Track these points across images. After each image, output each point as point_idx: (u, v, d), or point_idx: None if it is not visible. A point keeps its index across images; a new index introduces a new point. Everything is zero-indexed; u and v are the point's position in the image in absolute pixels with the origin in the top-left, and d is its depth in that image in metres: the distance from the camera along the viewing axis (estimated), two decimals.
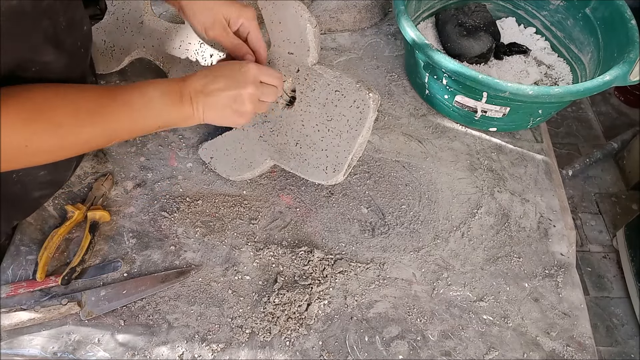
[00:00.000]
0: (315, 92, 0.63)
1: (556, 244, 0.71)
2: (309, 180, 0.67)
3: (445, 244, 0.70)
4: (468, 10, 0.92)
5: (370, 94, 0.60)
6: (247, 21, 0.60)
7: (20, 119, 0.44)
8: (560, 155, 1.79)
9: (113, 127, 0.51)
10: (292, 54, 0.64)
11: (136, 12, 0.77)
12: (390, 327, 0.62)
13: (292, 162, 0.67)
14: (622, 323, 1.44)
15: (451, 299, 0.65)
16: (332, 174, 0.63)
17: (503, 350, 0.61)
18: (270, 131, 0.68)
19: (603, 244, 1.61)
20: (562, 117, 1.94)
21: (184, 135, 0.79)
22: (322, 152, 0.64)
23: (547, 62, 0.94)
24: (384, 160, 0.78)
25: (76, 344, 0.58)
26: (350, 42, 0.96)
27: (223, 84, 0.55)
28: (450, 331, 0.62)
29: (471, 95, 0.76)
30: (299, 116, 0.65)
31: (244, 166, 0.70)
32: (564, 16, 0.92)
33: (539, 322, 0.64)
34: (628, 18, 0.79)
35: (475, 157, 0.80)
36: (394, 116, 0.85)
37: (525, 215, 0.74)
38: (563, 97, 0.70)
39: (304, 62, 0.63)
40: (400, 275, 0.66)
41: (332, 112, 0.63)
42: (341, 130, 0.62)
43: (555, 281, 0.67)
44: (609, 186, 1.76)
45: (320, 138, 0.64)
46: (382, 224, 0.71)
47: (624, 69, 0.71)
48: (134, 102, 0.52)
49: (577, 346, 0.62)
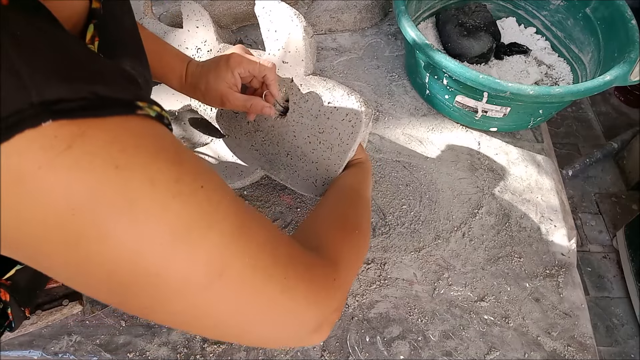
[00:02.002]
0: (308, 103, 0.62)
1: (557, 244, 0.71)
2: (298, 192, 0.65)
3: (446, 244, 0.70)
4: (468, 10, 0.92)
5: (363, 107, 0.58)
6: (242, 72, 0.58)
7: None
8: (560, 155, 1.79)
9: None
10: (287, 63, 0.63)
11: (136, 14, 0.77)
12: (391, 327, 0.62)
13: (282, 173, 0.66)
14: (622, 323, 1.45)
15: (452, 299, 0.65)
16: (322, 187, 0.62)
17: (504, 350, 0.61)
18: (262, 141, 0.67)
19: (603, 244, 1.61)
20: (562, 117, 1.94)
21: (184, 136, 0.79)
22: (313, 164, 0.63)
23: (548, 62, 0.94)
24: (384, 160, 0.78)
25: (77, 344, 0.58)
26: (351, 42, 0.96)
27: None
28: (451, 331, 0.62)
29: (472, 95, 0.76)
30: (291, 127, 0.64)
31: (235, 175, 0.70)
32: (564, 16, 0.92)
33: (539, 322, 0.64)
34: (628, 18, 0.79)
35: (475, 157, 0.80)
36: (395, 116, 0.85)
37: (525, 215, 0.74)
38: (563, 97, 0.70)
39: (298, 72, 0.62)
40: (401, 276, 0.66)
41: (324, 124, 0.61)
42: (332, 144, 0.61)
43: (556, 281, 0.67)
44: (609, 186, 1.76)
45: (311, 150, 0.62)
46: (383, 224, 0.71)
47: (624, 69, 0.71)
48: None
49: (578, 346, 0.62)
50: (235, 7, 0.93)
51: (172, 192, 0.25)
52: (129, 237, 0.24)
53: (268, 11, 0.62)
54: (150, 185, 0.24)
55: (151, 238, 0.25)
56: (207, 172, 0.29)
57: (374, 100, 0.87)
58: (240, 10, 0.94)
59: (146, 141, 0.25)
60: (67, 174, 0.22)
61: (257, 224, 0.32)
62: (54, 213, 0.22)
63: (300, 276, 0.33)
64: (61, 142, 0.21)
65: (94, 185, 0.22)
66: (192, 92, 0.60)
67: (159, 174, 0.25)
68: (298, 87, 0.62)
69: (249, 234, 0.30)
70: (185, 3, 0.72)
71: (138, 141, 0.24)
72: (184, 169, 0.27)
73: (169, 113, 0.80)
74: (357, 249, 0.47)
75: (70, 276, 0.26)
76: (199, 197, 0.27)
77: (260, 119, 0.66)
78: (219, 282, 0.28)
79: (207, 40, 0.71)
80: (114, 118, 0.24)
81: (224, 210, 0.28)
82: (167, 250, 0.25)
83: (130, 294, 0.27)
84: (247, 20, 0.97)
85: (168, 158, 0.26)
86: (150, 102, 0.27)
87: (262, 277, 0.30)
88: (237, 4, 0.93)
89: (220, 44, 0.70)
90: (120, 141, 0.23)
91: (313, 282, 0.34)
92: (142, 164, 0.24)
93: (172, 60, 0.59)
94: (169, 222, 0.25)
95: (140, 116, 0.25)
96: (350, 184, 0.57)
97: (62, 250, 0.24)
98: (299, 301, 0.33)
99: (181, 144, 0.29)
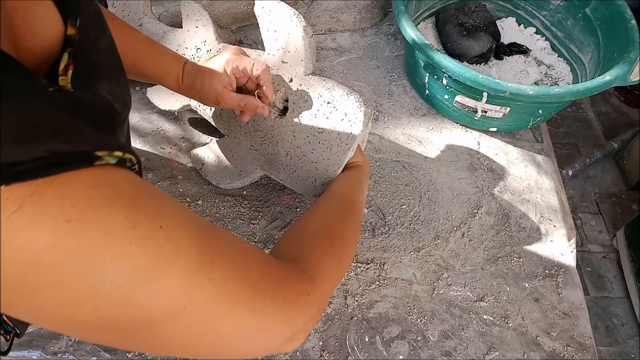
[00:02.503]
0: (308, 103, 0.62)
1: (556, 244, 0.71)
2: (297, 192, 0.65)
3: (445, 244, 0.70)
4: (468, 10, 0.92)
5: (363, 107, 0.58)
6: (236, 71, 0.59)
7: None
8: (560, 155, 1.79)
9: None
10: (286, 62, 0.63)
11: (136, 14, 0.77)
12: (391, 327, 0.62)
13: (281, 173, 0.66)
14: (622, 323, 1.44)
15: (451, 299, 0.65)
16: (321, 188, 0.62)
17: (503, 350, 0.61)
18: (262, 141, 0.67)
19: (603, 244, 1.61)
20: (562, 117, 1.94)
21: (184, 136, 0.79)
22: (312, 164, 0.62)
23: (547, 62, 0.94)
24: (384, 160, 0.78)
25: (76, 344, 0.58)
26: (351, 42, 0.96)
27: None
28: (450, 331, 0.62)
29: (471, 95, 0.76)
30: (291, 127, 0.63)
31: (235, 174, 0.70)
32: (564, 16, 0.92)
33: (539, 322, 0.64)
34: (628, 18, 0.79)
35: (475, 157, 0.80)
36: (394, 116, 0.85)
37: (525, 215, 0.74)
38: (563, 97, 0.70)
39: (298, 72, 0.62)
40: (400, 276, 0.66)
41: (323, 124, 0.61)
42: (332, 144, 0.60)
43: (556, 281, 0.67)
44: (609, 186, 1.76)
45: (310, 150, 0.62)
46: (383, 224, 0.71)
47: (624, 69, 0.71)
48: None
49: (577, 346, 0.62)
50: (235, 7, 0.93)
51: (128, 239, 0.25)
52: (86, 284, 0.24)
53: (268, 11, 0.62)
54: (104, 236, 0.24)
55: (108, 283, 0.25)
56: (167, 208, 0.29)
57: (374, 100, 0.87)
58: (240, 10, 0.94)
59: (101, 191, 0.25)
60: (20, 233, 0.22)
61: (223, 251, 0.32)
62: (10, 267, 0.22)
63: (270, 296, 0.34)
64: (12, 203, 0.21)
65: (49, 242, 0.23)
66: (188, 92, 0.61)
67: (113, 222, 0.25)
68: (297, 87, 0.62)
69: (213, 263, 0.30)
70: (185, 3, 0.72)
71: (92, 192, 0.24)
72: (141, 212, 0.27)
73: (169, 113, 0.81)
74: (340, 260, 0.48)
75: (33, 319, 0.27)
76: (158, 239, 0.27)
77: (259, 119, 0.66)
78: (184, 313, 0.28)
79: (206, 40, 0.71)
80: (67, 173, 0.24)
81: (184, 246, 0.29)
82: (127, 292, 0.26)
83: (95, 331, 0.28)
84: (246, 20, 0.97)
85: (125, 204, 0.26)
86: (112, 148, 0.27)
87: (229, 303, 0.31)
88: (236, 4, 0.93)
89: (219, 44, 0.70)
90: (72, 195, 0.23)
91: (285, 299, 0.35)
92: (95, 215, 0.24)
93: (169, 61, 0.59)
94: (126, 268, 0.25)
95: (97, 166, 0.25)
96: (341, 192, 0.58)
97: (21, 299, 0.24)
98: (268, 319, 0.34)
99: (141, 184, 0.28)
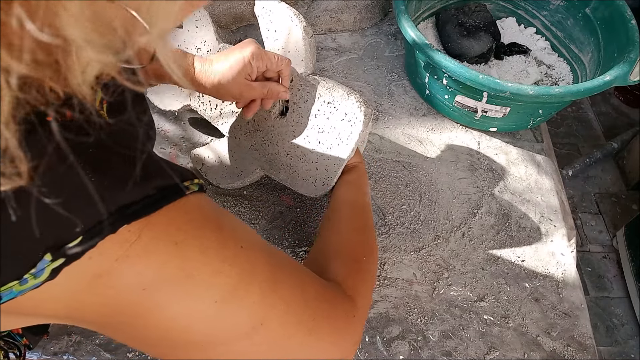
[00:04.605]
0: (308, 103, 0.62)
1: (556, 244, 0.71)
2: (298, 192, 0.65)
3: (445, 244, 0.70)
4: (468, 10, 0.92)
5: (363, 107, 0.58)
6: (260, 65, 0.57)
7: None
8: (560, 155, 1.79)
9: None
10: None
11: None
12: (391, 327, 0.62)
13: (282, 173, 0.66)
14: (622, 323, 1.45)
15: (452, 299, 0.65)
16: (322, 188, 0.62)
17: (504, 350, 0.61)
18: (262, 141, 0.67)
19: (603, 244, 1.61)
20: (562, 117, 1.94)
21: (184, 136, 0.79)
22: (312, 164, 0.63)
23: (547, 62, 0.94)
24: (384, 160, 0.78)
25: (77, 344, 0.58)
26: (351, 42, 0.96)
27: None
28: (450, 331, 0.62)
29: (471, 96, 0.76)
30: (291, 127, 0.64)
31: (235, 175, 0.70)
32: (564, 16, 0.92)
33: (539, 322, 0.64)
34: (628, 18, 0.79)
35: (475, 157, 0.80)
36: (394, 116, 0.85)
37: (525, 215, 0.74)
38: (563, 97, 0.70)
39: (298, 72, 0.62)
40: (400, 275, 0.66)
41: (323, 124, 0.61)
42: (332, 144, 0.61)
43: (556, 281, 0.67)
44: (609, 186, 1.76)
45: (310, 150, 0.62)
46: (383, 224, 0.71)
47: (624, 69, 0.71)
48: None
49: (577, 346, 0.62)
50: (235, 7, 0.93)
51: (220, 257, 0.29)
52: (187, 300, 0.28)
53: (268, 11, 0.62)
54: (202, 255, 0.28)
55: (207, 299, 0.28)
56: (241, 230, 0.33)
57: (374, 100, 0.87)
58: (240, 10, 0.94)
59: (195, 215, 0.29)
60: (138, 259, 0.26)
61: (287, 270, 0.34)
62: (125, 294, 0.26)
63: (325, 315, 0.35)
64: (133, 234, 0.25)
65: (159, 266, 0.26)
66: (202, 88, 0.59)
67: (207, 242, 0.29)
68: (298, 87, 0.63)
69: (282, 282, 0.33)
70: None
71: (188, 217, 0.28)
72: (226, 233, 0.30)
73: (169, 113, 0.81)
74: (371, 275, 0.49)
75: (127, 339, 0.31)
76: (241, 258, 0.30)
77: (259, 118, 0.66)
78: (260, 330, 0.31)
79: (207, 40, 0.71)
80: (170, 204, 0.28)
81: (260, 265, 0.32)
82: (220, 308, 0.29)
83: (172, 349, 0.31)
84: (246, 20, 0.97)
85: (214, 226, 0.30)
86: (190, 177, 0.30)
87: (295, 323, 0.33)
88: (237, 4, 0.93)
89: (220, 44, 0.70)
90: (175, 221, 0.27)
91: (337, 319, 0.37)
92: (195, 236, 0.28)
93: (180, 56, 0.58)
94: (219, 285, 0.29)
95: (188, 195, 0.29)
96: (351, 198, 0.58)
97: (127, 323, 0.28)
98: (324, 340, 0.35)
99: (218, 208, 0.32)
